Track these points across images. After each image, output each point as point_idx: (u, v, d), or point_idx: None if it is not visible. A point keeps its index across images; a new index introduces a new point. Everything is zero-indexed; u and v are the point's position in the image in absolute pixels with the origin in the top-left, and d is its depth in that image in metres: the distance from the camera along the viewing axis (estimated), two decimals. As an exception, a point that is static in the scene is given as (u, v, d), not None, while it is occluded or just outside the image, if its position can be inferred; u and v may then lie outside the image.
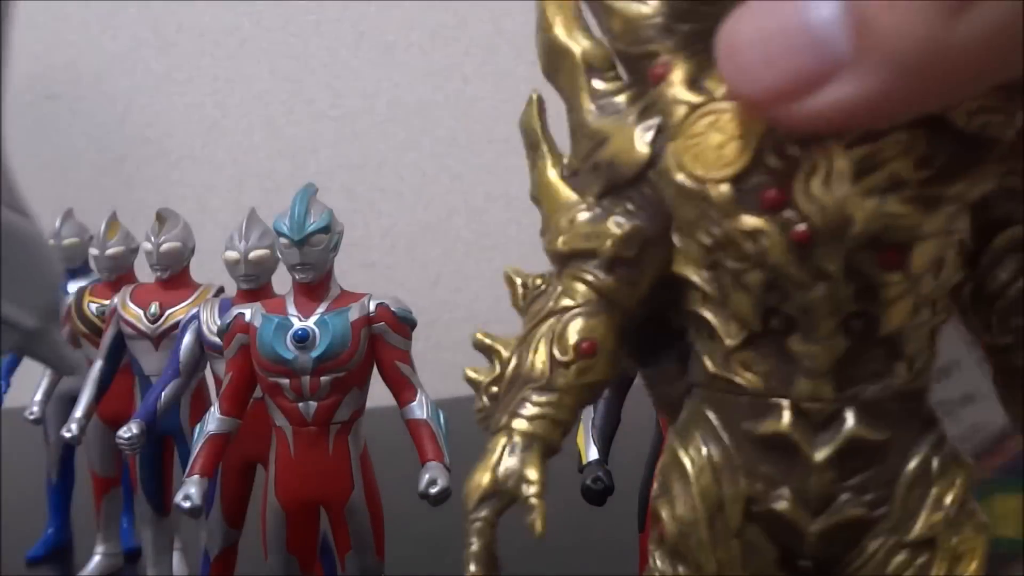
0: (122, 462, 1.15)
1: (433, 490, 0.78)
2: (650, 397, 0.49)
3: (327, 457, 0.82)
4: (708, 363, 0.40)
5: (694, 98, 0.38)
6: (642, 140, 0.40)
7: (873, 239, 0.35)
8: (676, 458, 0.42)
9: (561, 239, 0.43)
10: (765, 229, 0.36)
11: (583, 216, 0.42)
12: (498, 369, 0.45)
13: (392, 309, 0.83)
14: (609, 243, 0.41)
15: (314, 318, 0.81)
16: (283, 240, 0.81)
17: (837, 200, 0.35)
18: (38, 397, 1.17)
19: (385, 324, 0.83)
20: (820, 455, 0.38)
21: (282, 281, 0.89)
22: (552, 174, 0.44)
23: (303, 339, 0.80)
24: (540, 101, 0.47)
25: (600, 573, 0.75)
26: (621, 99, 0.41)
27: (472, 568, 0.42)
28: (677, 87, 0.38)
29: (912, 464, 0.39)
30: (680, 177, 0.38)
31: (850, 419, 0.38)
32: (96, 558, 1.14)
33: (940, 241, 0.36)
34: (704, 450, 0.41)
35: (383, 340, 0.83)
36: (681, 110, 0.38)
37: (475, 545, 0.42)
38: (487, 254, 2.16)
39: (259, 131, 2.15)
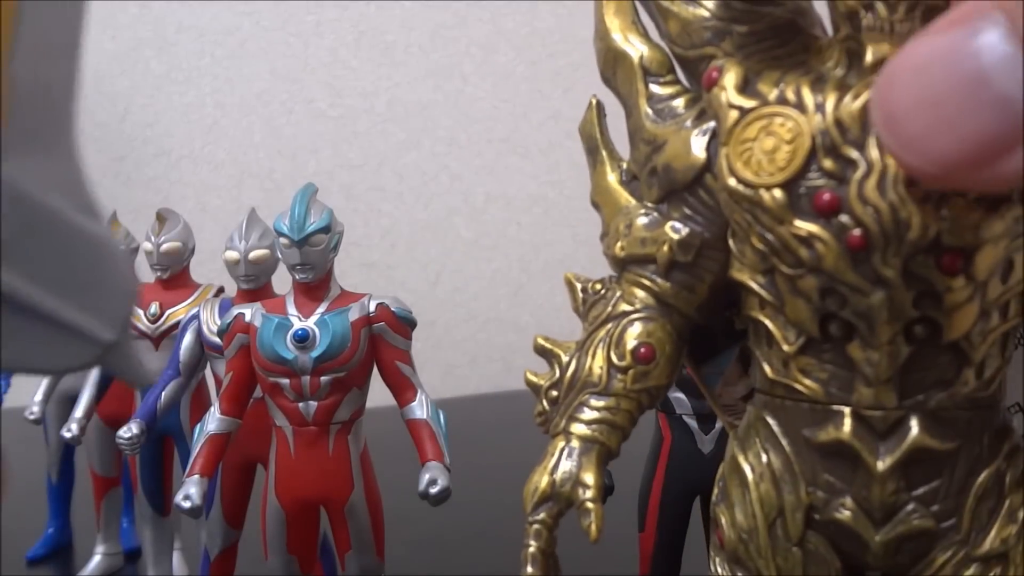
0: (122, 462, 1.15)
1: (433, 490, 0.78)
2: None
3: (327, 457, 0.82)
4: (767, 369, 0.40)
5: (746, 102, 0.37)
6: (698, 144, 0.39)
7: (932, 244, 0.34)
8: (736, 464, 0.41)
9: (619, 244, 0.43)
10: (819, 234, 0.35)
11: (641, 221, 0.42)
12: (557, 373, 0.45)
13: (392, 309, 0.83)
14: (666, 248, 0.41)
15: (314, 318, 0.81)
16: (283, 240, 0.81)
17: (892, 204, 0.33)
18: (38, 397, 1.17)
19: (385, 324, 0.83)
20: (883, 464, 0.37)
21: (282, 281, 0.89)
22: (611, 179, 0.44)
23: (303, 339, 0.79)
24: (600, 106, 0.46)
25: (600, 573, 0.75)
26: (679, 103, 0.41)
27: (529, 569, 0.42)
28: (729, 91, 0.38)
29: (983, 475, 0.38)
30: (732, 182, 0.37)
31: (915, 427, 0.37)
32: (96, 558, 1.14)
33: (1007, 243, 0.34)
34: (764, 457, 0.40)
35: (383, 340, 0.83)
36: (732, 115, 0.37)
37: (532, 547, 0.42)
38: (487, 254, 2.16)
39: (259, 131, 2.15)
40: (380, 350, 0.84)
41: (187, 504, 0.80)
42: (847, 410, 0.38)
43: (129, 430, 0.89)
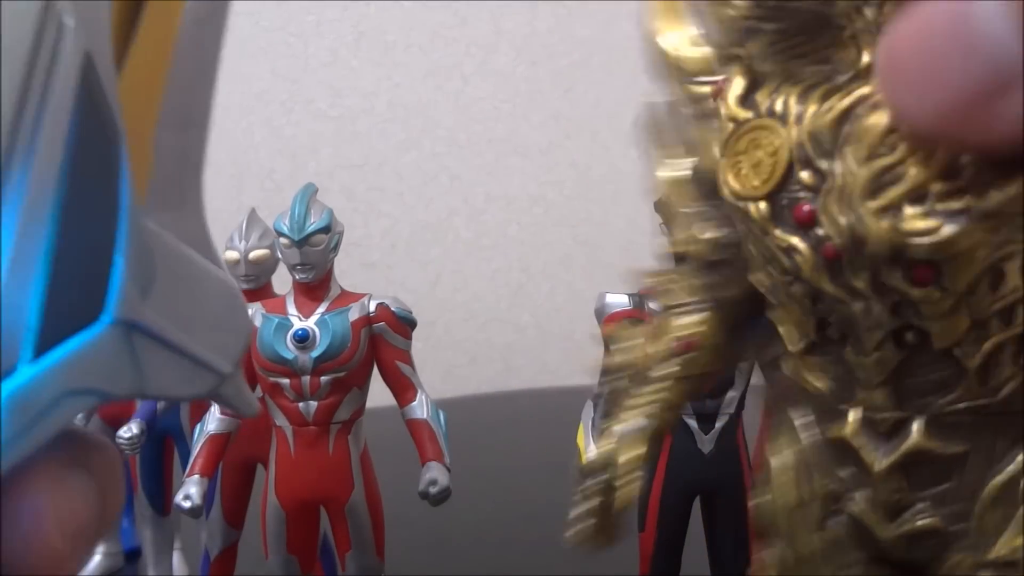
0: (122, 462, 1.15)
1: (433, 490, 0.78)
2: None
3: (327, 457, 0.82)
4: (783, 365, 0.41)
5: (741, 114, 0.38)
6: (717, 150, 0.40)
7: (897, 256, 0.34)
8: (765, 454, 0.44)
9: (672, 242, 0.46)
10: (798, 246, 0.36)
11: (688, 221, 0.44)
12: (620, 358, 0.48)
13: (392, 309, 0.83)
14: (704, 248, 0.43)
15: (314, 318, 0.81)
16: (283, 240, 0.81)
17: (852, 218, 0.34)
18: (38, 397, 1.17)
19: (385, 324, 0.83)
20: (881, 464, 0.38)
21: (282, 281, 0.89)
22: (671, 178, 0.45)
23: (303, 339, 0.80)
24: (665, 103, 0.47)
25: (600, 573, 0.75)
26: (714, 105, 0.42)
27: (584, 524, 0.46)
28: (729, 103, 0.38)
29: (996, 481, 0.37)
30: (725, 193, 0.38)
31: (915, 430, 0.37)
32: (96, 558, 1.14)
33: (985, 254, 0.34)
34: (785, 449, 0.42)
35: (383, 340, 0.83)
36: (728, 128, 0.38)
37: (584, 507, 0.46)
38: (487, 254, 2.16)
39: (259, 131, 2.15)
40: (380, 350, 0.84)
41: (187, 504, 0.80)
42: (852, 410, 0.38)
43: (129, 430, 0.89)
